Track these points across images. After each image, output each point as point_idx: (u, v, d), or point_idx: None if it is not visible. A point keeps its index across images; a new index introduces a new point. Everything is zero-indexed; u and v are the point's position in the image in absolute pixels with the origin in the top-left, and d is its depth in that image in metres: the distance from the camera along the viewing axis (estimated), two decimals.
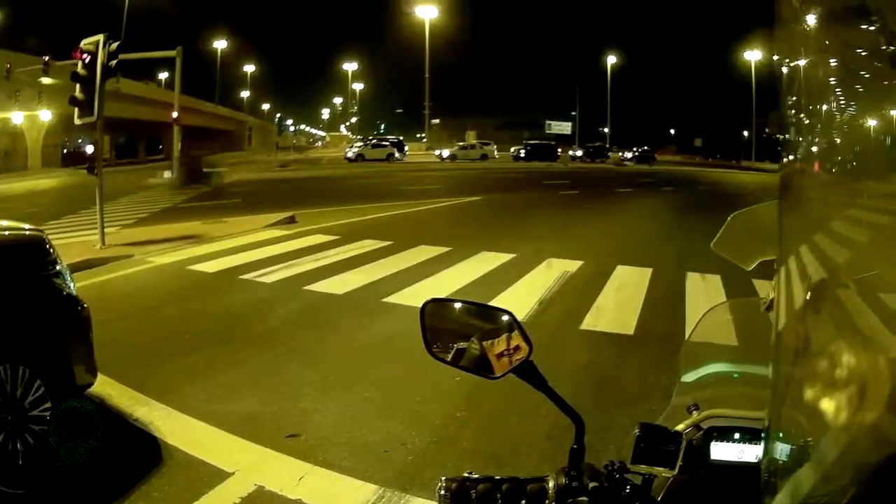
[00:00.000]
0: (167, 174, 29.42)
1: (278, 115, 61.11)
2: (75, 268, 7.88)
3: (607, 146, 70.50)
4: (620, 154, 65.42)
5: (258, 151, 53.96)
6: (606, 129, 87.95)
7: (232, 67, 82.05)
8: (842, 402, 0.71)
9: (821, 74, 0.85)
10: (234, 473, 3.94)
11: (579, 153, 64.12)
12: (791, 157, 0.91)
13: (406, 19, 73.61)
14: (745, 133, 78.61)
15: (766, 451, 0.89)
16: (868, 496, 0.64)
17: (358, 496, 3.73)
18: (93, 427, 1.37)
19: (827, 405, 0.74)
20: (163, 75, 59.07)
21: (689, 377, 1.56)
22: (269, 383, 5.45)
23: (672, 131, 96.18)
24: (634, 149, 65.93)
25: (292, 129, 71.90)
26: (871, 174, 0.79)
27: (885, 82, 0.73)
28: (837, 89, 0.82)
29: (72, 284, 4.57)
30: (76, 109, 11.88)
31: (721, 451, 1.38)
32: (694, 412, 1.44)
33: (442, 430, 4.58)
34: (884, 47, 0.69)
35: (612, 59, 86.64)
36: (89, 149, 20.31)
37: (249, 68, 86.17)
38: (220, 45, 75.96)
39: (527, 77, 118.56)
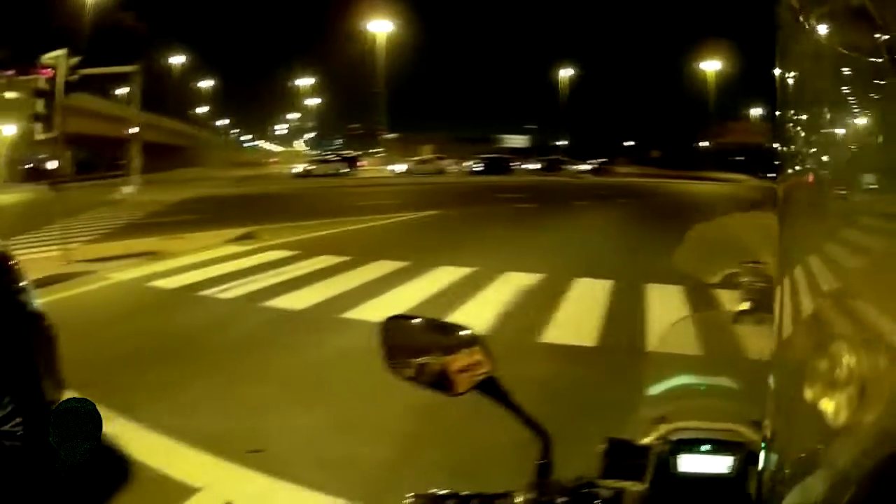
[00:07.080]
0: (127, 190, 29.07)
1: (236, 130, 60.42)
2: (37, 284, 7.76)
3: (562, 159, 71.13)
4: (576, 167, 65.90)
5: (216, 167, 53.12)
6: (562, 143, 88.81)
7: (192, 83, 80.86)
8: (842, 405, 0.72)
9: (821, 82, 0.84)
10: (201, 489, 3.96)
11: (535, 166, 64.35)
12: (790, 168, 0.91)
13: (360, 35, 74.08)
14: (704, 143, 79.70)
15: (766, 461, 0.89)
16: (868, 496, 0.65)
17: None
18: (94, 427, 1.37)
19: (827, 410, 0.74)
20: (122, 91, 57.67)
21: (654, 389, 1.55)
22: (230, 399, 5.47)
23: (627, 143, 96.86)
24: (591, 161, 66.55)
25: (248, 144, 71.26)
26: (871, 181, 0.79)
27: (886, 87, 0.72)
28: (837, 96, 0.82)
29: (36, 300, 4.54)
30: (39, 125, 11.86)
31: (688, 463, 1.32)
32: (661, 425, 1.40)
33: (403, 443, 4.64)
34: (886, 56, 0.69)
35: (568, 72, 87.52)
36: (50, 164, 19.73)
37: (207, 84, 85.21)
38: (179, 60, 74.53)
39: (482, 90, 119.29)
